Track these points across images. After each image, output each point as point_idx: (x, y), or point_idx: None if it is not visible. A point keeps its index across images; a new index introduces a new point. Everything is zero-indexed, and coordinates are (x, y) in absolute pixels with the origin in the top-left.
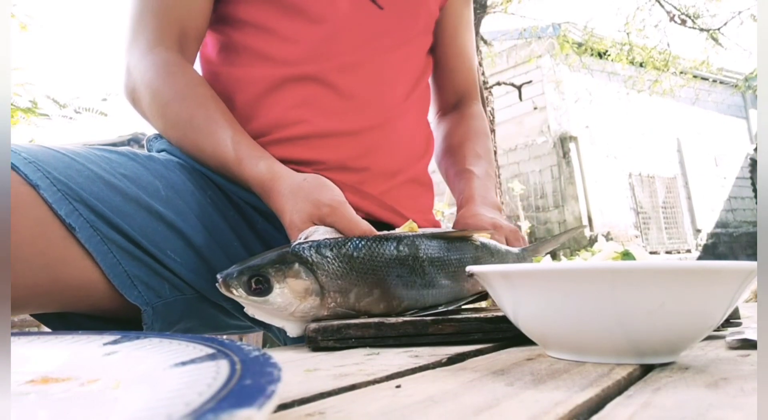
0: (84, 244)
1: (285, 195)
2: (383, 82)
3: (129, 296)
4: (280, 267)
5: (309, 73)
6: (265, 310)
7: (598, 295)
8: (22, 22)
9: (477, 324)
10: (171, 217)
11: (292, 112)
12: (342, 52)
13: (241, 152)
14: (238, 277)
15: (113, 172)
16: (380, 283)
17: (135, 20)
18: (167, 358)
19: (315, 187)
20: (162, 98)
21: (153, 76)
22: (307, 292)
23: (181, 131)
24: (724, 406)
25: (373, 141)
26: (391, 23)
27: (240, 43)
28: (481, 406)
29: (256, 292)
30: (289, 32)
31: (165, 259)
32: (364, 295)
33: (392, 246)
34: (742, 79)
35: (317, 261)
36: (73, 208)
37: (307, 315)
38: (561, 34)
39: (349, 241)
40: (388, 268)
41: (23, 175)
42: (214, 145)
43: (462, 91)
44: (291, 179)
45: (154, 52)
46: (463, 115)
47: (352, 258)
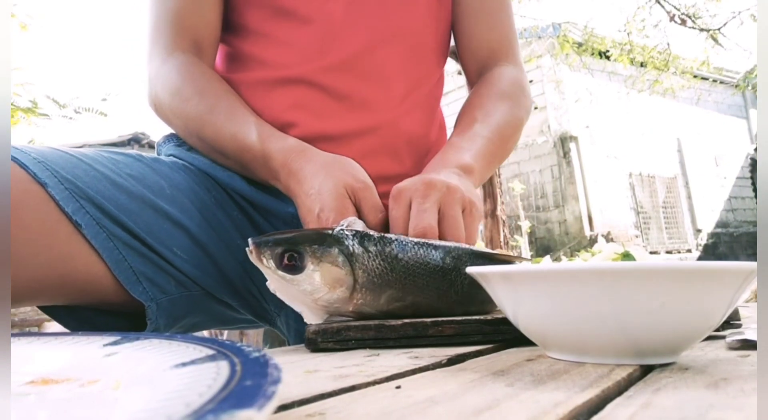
0: (90, 241)
1: (316, 167)
2: (378, 81)
3: (134, 292)
4: (319, 248)
5: (299, 76)
6: (290, 290)
7: (598, 295)
8: (22, 22)
9: (477, 325)
10: (176, 214)
11: (284, 115)
12: (333, 52)
13: (264, 132)
14: (272, 247)
15: (119, 172)
16: (417, 291)
17: (152, 32)
18: (167, 359)
19: (351, 163)
20: (182, 95)
21: (172, 78)
22: (340, 282)
23: (201, 123)
24: (724, 406)
25: (369, 143)
26: (386, 20)
27: (239, 49)
28: (481, 406)
29: (286, 268)
30: (281, 35)
31: (170, 256)
32: (396, 300)
33: (438, 254)
34: (741, 77)
35: (358, 253)
36: (80, 206)
37: (330, 306)
38: (561, 34)
39: (396, 241)
40: (429, 277)
41: (32, 173)
42: (236, 129)
43: (483, 58)
44: (324, 154)
45: (173, 57)
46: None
47: (396, 259)
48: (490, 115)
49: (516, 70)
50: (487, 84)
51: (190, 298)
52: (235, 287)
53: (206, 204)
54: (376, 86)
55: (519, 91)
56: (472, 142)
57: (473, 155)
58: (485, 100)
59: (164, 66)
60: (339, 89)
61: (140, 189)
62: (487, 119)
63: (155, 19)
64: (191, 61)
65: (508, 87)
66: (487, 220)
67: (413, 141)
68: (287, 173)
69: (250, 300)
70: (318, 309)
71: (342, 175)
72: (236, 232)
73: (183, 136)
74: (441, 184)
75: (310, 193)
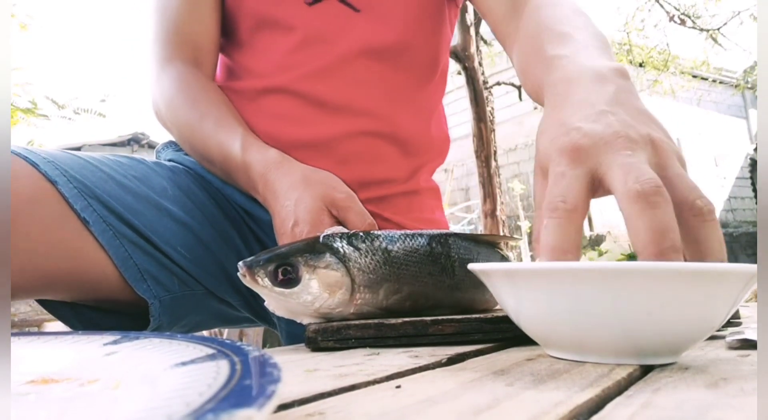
0: (97, 238)
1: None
2: (358, 87)
3: (138, 289)
4: (310, 256)
5: (279, 85)
6: (289, 305)
7: (599, 295)
8: (22, 22)
9: (477, 324)
10: (179, 214)
11: (268, 124)
12: (312, 61)
13: (247, 142)
14: (264, 265)
15: (125, 174)
16: (411, 279)
17: (151, 41)
18: (167, 358)
19: (330, 176)
20: (175, 104)
21: (168, 87)
22: (338, 285)
23: (191, 130)
24: (724, 406)
25: (351, 149)
26: (367, 27)
27: (233, 59)
28: (481, 406)
29: (282, 283)
30: (263, 45)
31: (174, 254)
32: (393, 292)
33: (425, 242)
34: (741, 75)
35: (349, 252)
36: (88, 204)
37: (332, 312)
38: None
39: (382, 234)
40: (421, 264)
41: (43, 172)
42: (222, 138)
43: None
44: (303, 166)
45: (170, 66)
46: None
47: (386, 251)
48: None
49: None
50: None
51: (193, 296)
52: (237, 286)
53: (207, 205)
54: (356, 91)
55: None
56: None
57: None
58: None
59: (162, 75)
60: (317, 96)
61: (145, 190)
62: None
63: (155, 28)
64: (188, 70)
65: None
66: (487, 220)
67: (401, 144)
68: (264, 184)
69: (250, 299)
70: (320, 319)
71: (321, 189)
72: (237, 233)
73: (179, 143)
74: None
75: (285, 205)
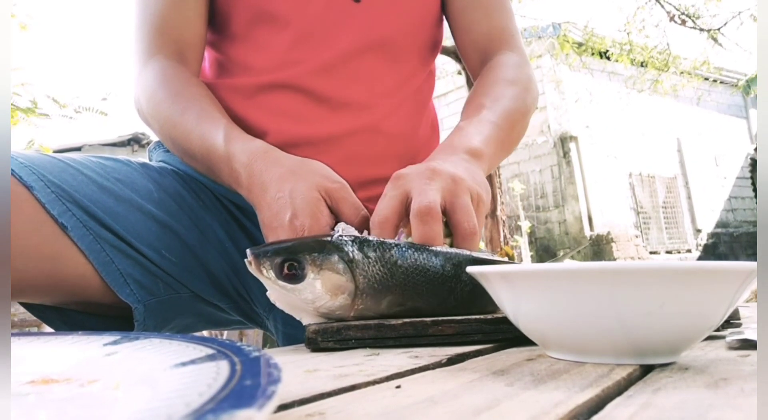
0: (77, 243)
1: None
2: (358, 83)
3: (121, 294)
4: (319, 256)
5: (280, 80)
6: (290, 300)
7: (598, 295)
8: (22, 22)
9: (477, 325)
10: (164, 217)
11: (265, 121)
12: (311, 57)
13: (231, 134)
14: (271, 257)
15: (107, 176)
16: (417, 296)
17: (135, 36)
18: (167, 358)
19: (320, 165)
20: (156, 98)
21: (150, 81)
22: (341, 289)
23: (172, 124)
24: (724, 406)
25: (351, 147)
26: (367, 19)
27: (226, 54)
28: (481, 406)
29: (287, 278)
30: (261, 40)
31: (158, 258)
32: (396, 305)
33: (439, 262)
34: (743, 82)
35: (358, 259)
36: (66, 209)
37: (331, 313)
38: (561, 34)
39: (395, 247)
40: (429, 284)
41: (18, 177)
42: (204, 130)
43: (483, 46)
44: (291, 156)
45: (153, 60)
46: (482, 73)
47: (396, 265)
48: (498, 100)
49: (520, 57)
50: (492, 70)
51: (179, 300)
52: (225, 289)
53: (194, 208)
54: (356, 88)
55: (525, 77)
56: (481, 126)
57: (482, 140)
58: (492, 87)
59: (144, 70)
60: (318, 92)
61: (128, 192)
62: (495, 105)
63: (138, 22)
64: (170, 64)
65: (513, 73)
66: (487, 220)
67: (398, 142)
68: (249, 175)
69: (239, 302)
70: (319, 317)
71: (314, 178)
72: (225, 235)
73: (161, 139)
74: (446, 174)
75: (278, 197)
